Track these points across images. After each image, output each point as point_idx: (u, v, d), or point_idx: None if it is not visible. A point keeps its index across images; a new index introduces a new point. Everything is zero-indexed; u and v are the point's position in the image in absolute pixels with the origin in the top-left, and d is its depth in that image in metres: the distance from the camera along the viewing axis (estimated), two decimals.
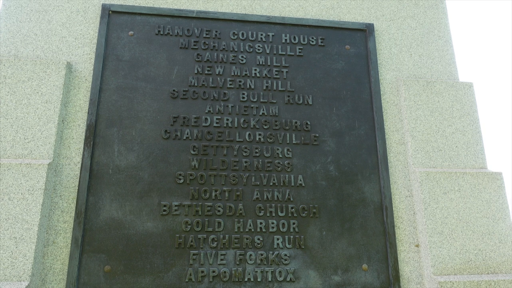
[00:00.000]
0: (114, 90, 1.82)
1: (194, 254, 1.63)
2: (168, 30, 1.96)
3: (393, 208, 1.83)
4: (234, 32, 2.01)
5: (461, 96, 2.02)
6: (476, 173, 1.85)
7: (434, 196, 1.79)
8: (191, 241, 1.65)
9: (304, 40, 2.04)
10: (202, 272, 1.61)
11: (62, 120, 1.75)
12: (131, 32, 1.93)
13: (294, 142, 1.85)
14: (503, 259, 1.74)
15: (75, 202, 1.64)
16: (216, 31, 2.00)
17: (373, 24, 2.11)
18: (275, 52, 2.00)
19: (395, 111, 2.00)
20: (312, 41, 2.05)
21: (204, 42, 1.97)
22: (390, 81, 2.06)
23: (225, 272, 1.63)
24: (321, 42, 2.05)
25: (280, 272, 1.66)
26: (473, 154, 1.93)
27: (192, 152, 1.77)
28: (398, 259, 1.76)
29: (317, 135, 1.88)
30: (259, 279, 1.64)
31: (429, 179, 1.81)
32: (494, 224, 1.78)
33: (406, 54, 2.12)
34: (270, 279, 1.64)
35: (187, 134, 1.79)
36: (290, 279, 1.66)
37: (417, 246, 1.79)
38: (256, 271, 1.65)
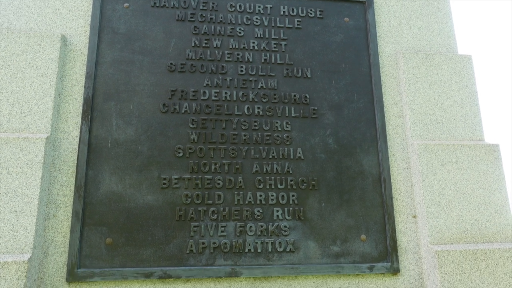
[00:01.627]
0: (110, 63, 1.80)
1: (194, 226, 1.65)
2: (164, 2, 1.92)
3: (391, 180, 1.85)
4: (231, 4, 1.97)
5: (460, 69, 2.01)
6: (474, 145, 1.86)
7: (432, 168, 1.81)
8: (192, 214, 1.66)
9: (302, 12, 2.02)
10: (203, 243, 1.63)
11: (59, 94, 1.73)
12: (126, 4, 1.89)
13: (293, 115, 1.85)
14: (499, 228, 1.77)
15: (75, 176, 1.64)
16: (213, 3, 1.96)
17: None
18: (273, 25, 1.98)
19: (394, 84, 2.00)
20: (311, 13, 2.02)
21: (201, 15, 1.93)
22: (389, 54, 2.05)
23: (225, 243, 1.65)
24: (320, 14, 2.03)
25: (280, 243, 1.68)
26: (470, 126, 1.93)
27: (191, 126, 1.76)
28: (396, 229, 1.78)
29: (316, 108, 1.87)
30: (259, 250, 1.66)
31: (427, 151, 1.82)
32: (490, 195, 1.81)
33: (406, 26, 2.10)
34: (270, 250, 1.67)
35: (186, 107, 1.78)
36: (290, 249, 1.68)
37: (414, 217, 1.82)
38: (256, 242, 1.67)
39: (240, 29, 1.94)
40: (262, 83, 1.87)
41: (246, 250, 1.65)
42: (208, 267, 1.61)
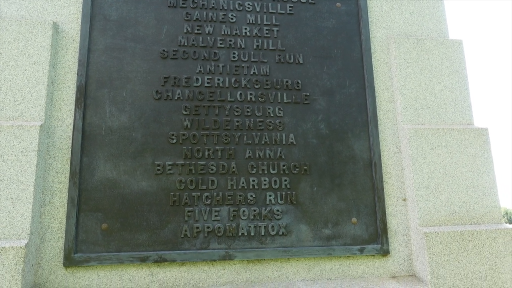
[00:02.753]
0: (102, 50, 1.80)
1: (189, 211, 1.68)
2: None
3: (382, 164, 1.88)
4: None
5: (451, 54, 2.03)
6: (463, 129, 1.89)
7: (421, 151, 1.84)
8: (186, 199, 1.69)
9: None
10: (197, 228, 1.67)
11: (52, 82, 1.74)
12: None
13: (285, 101, 1.86)
14: (486, 210, 1.82)
15: (69, 163, 1.66)
16: None
17: None
18: (265, 11, 1.98)
19: (385, 69, 2.01)
20: None
21: (193, 1, 1.93)
22: (380, 39, 2.05)
23: (219, 227, 1.68)
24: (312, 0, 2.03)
25: (272, 226, 1.72)
26: (460, 110, 1.96)
27: (184, 112, 1.78)
28: (386, 212, 1.82)
29: (308, 94, 1.89)
30: (252, 234, 1.70)
31: (417, 135, 1.85)
32: (479, 178, 1.85)
33: (397, 11, 2.11)
34: (263, 234, 1.70)
35: (179, 94, 1.79)
36: (282, 233, 1.72)
37: (404, 200, 1.86)
38: (250, 226, 1.70)
39: (232, 15, 1.94)
40: (254, 69, 1.88)
41: (240, 234, 1.69)
42: (202, 250, 1.65)
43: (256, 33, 1.93)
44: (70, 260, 1.56)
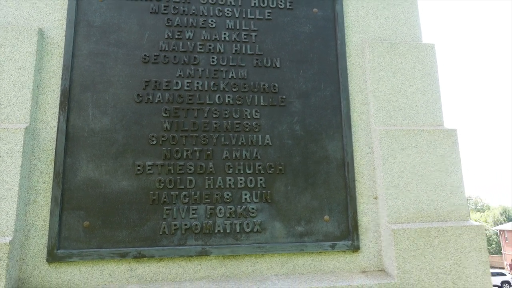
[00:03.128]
0: (86, 55, 1.88)
1: (167, 209, 1.76)
2: None
3: (355, 164, 1.96)
4: None
5: (423, 57, 2.11)
6: (433, 130, 1.97)
7: (392, 152, 1.92)
8: (164, 198, 1.77)
9: (273, 4, 2.09)
10: (175, 225, 1.75)
11: (37, 86, 1.82)
12: None
13: (262, 103, 1.95)
14: (453, 208, 1.90)
15: (53, 164, 1.74)
16: None
17: None
18: (244, 16, 2.05)
19: (360, 72, 2.09)
20: (281, 5, 2.10)
21: (174, 7, 2.01)
22: (356, 43, 2.13)
23: (196, 225, 1.77)
24: (290, 5, 2.10)
25: (247, 224, 1.80)
26: (431, 112, 2.04)
27: (164, 115, 1.86)
28: (358, 210, 1.91)
29: (284, 96, 1.97)
30: (228, 231, 1.78)
31: (388, 136, 1.93)
32: (447, 177, 1.93)
33: (373, 16, 2.18)
34: (238, 231, 1.79)
35: (159, 97, 1.87)
36: (257, 230, 1.80)
37: (375, 198, 1.94)
38: (225, 224, 1.79)
39: (212, 20, 2.02)
40: (232, 73, 1.96)
41: (216, 231, 1.77)
42: (180, 247, 1.73)
43: (235, 38, 2.01)
44: (53, 256, 1.64)
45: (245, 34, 2.03)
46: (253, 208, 1.82)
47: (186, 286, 1.68)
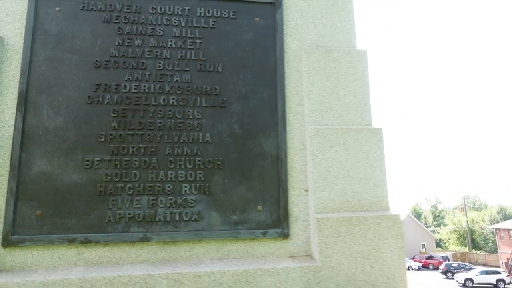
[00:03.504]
0: (43, 61, 2.07)
1: (113, 200, 1.96)
2: (92, 6, 2.19)
3: (288, 160, 2.16)
4: (153, 7, 2.24)
5: (356, 62, 2.30)
6: (360, 129, 2.17)
7: (321, 149, 2.12)
8: (111, 190, 1.97)
9: (217, 13, 2.29)
10: (120, 214, 1.95)
11: None
12: (58, 8, 2.15)
13: (204, 105, 2.14)
14: (376, 199, 2.10)
15: (10, 159, 1.93)
16: (136, 6, 2.23)
17: None
18: (190, 25, 2.25)
19: (297, 76, 2.29)
20: (225, 14, 2.29)
21: (125, 17, 2.20)
22: (294, 49, 2.33)
23: (139, 214, 1.96)
24: (233, 15, 2.30)
25: (186, 213, 2.00)
26: (361, 112, 2.24)
27: (112, 115, 2.05)
28: (289, 201, 2.11)
29: (225, 98, 2.17)
30: (168, 219, 1.98)
31: (318, 134, 2.13)
32: (371, 172, 2.13)
33: (311, 24, 2.38)
34: (177, 219, 1.99)
35: (108, 99, 2.07)
36: (195, 218, 2.00)
37: (306, 190, 2.14)
38: (166, 213, 1.98)
39: (160, 29, 2.21)
40: (177, 77, 2.16)
41: (157, 220, 1.97)
42: (124, 233, 1.93)
43: (180, 45, 2.21)
44: (8, 241, 1.84)
45: (190, 42, 2.22)
46: (192, 199, 2.02)
47: (128, 268, 1.87)
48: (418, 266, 55.26)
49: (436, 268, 53.40)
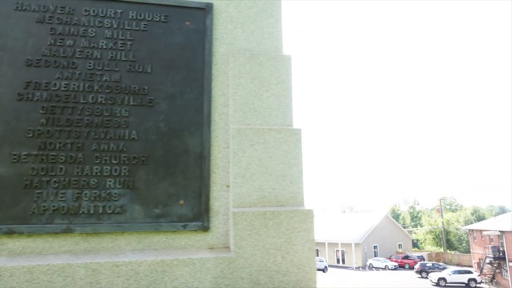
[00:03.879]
0: None
1: (38, 193, 2.05)
2: (26, 6, 2.27)
3: (212, 157, 2.29)
4: (86, 9, 2.34)
5: (280, 67, 2.45)
6: (280, 129, 2.32)
7: (242, 147, 2.25)
8: (36, 183, 2.06)
9: (149, 17, 2.40)
10: (44, 206, 2.04)
11: None
12: None
13: (131, 103, 2.25)
14: (292, 195, 2.25)
15: None
16: (70, 7, 2.32)
17: (212, 3, 2.49)
18: (121, 27, 2.36)
19: (224, 78, 2.42)
20: (156, 18, 2.41)
21: (58, 17, 2.29)
22: (223, 53, 2.46)
23: (63, 206, 2.06)
24: (164, 19, 2.42)
25: (110, 206, 2.11)
26: (283, 114, 2.39)
27: (41, 112, 2.15)
28: (211, 196, 2.24)
29: (153, 98, 2.29)
30: (91, 212, 2.08)
31: (239, 134, 2.27)
32: (289, 169, 2.28)
33: (240, 30, 2.52)
34: (101, 212, 2.09)
35: (38, 96, 2.16)
36: (118, 211, 2.11)
37: (227, 186, 2.28)
38: (90, 206, 2.09)
39: (92, 30, 2.32)
40: (107, 76, 2.26)
41: (81, 212, 2.08)
42: (47, 225, 2.03)
43: (111, 46, 2.31)
44: None
45: (121, 43, 2.33)
46: (116, 193, 2.13)
47: (50, 258, 1.97)
48: (395, 266, 56.40)
49: (411, 267, 54.59)
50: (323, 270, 53.74)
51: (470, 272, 44.15)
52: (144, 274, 1.97)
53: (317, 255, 63.90)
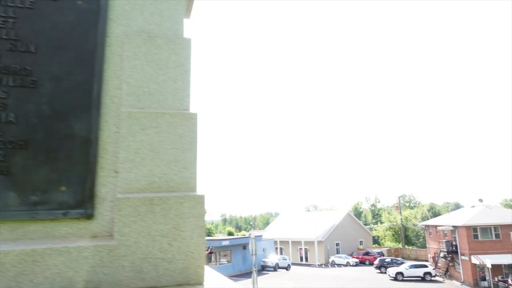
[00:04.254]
0: None
1: None
2: None
3: (100, 142, 2.18)
4: None
5: (179, 50, 2.38)
6: (175, 113, 2.24)
7: (132, 131, 2.16)
8: None
9: None
10: None
11: None
12: None
13: (11, 85, 2.10)
14: (184, 180, 2.18)
15: None
16: None
17: None
18: (4, 4, 2.20)
19: (118, 61, 2.32)
20: None
21: None
22: (118, 34, 2.36)
23: None
24: None
25: None
26: (180, 98, 2.31)
27: None
28: (97, 182, 2.13)
29: (36, 79, 2.15)
30: None
31: (130, 117, 2.17)
32: (182, 154, 2.21)
33: (138, 11, 2.42)
34: None
35: None
36: None
37: (116, 172, 2.17)
38: None
39: None
40: None
41: None
42: None
43: None
44: None
45: (2, 21, 2.17)
46: None
47: None
48: (356, 262, 57.86)
49: (371, 263, 56.21)
50: (286, 268, 54.30)
51: (425, 266, 45.99)
52: (11, 264, 1.83)
53: (281, 254, 64.51)
